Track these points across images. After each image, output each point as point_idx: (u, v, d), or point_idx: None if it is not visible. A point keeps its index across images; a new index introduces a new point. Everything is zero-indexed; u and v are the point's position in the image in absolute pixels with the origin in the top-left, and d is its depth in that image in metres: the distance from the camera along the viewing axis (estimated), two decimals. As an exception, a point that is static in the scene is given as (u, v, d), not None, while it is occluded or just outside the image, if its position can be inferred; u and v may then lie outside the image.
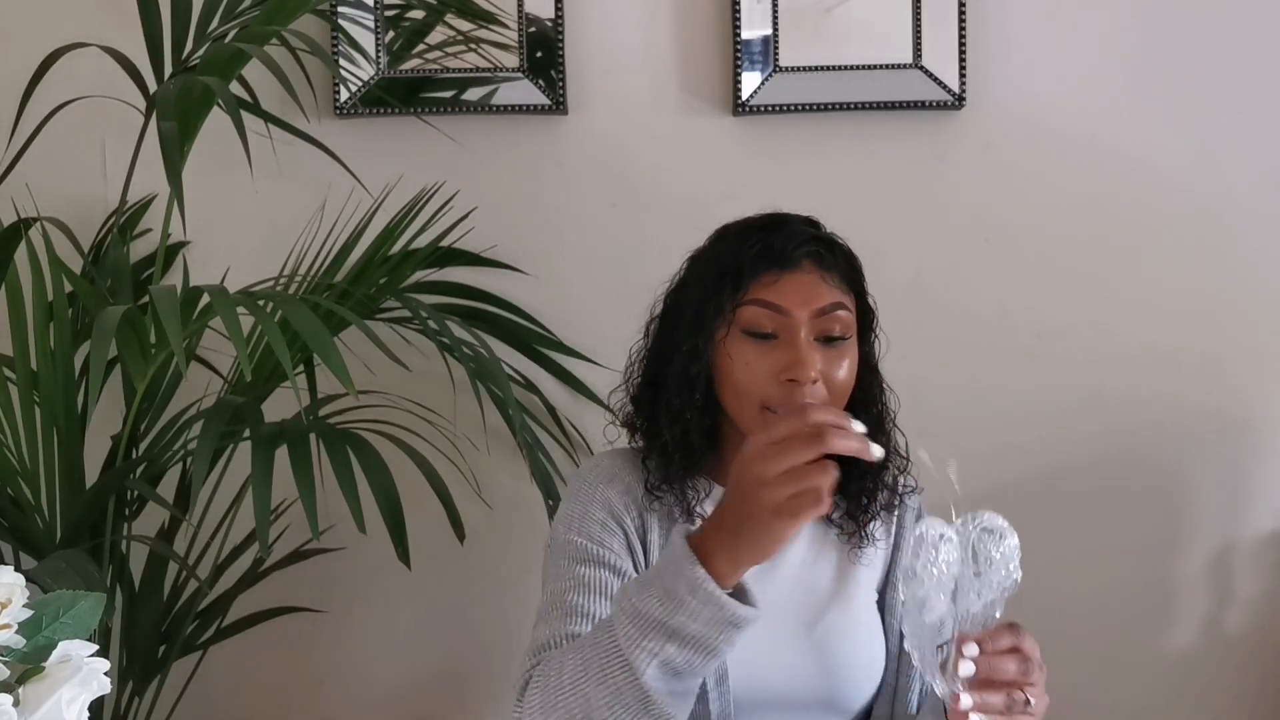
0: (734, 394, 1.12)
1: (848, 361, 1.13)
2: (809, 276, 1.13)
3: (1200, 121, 1.73)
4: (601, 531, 1.13)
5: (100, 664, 0.70)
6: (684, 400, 1.14)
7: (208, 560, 1.59)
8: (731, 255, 1.15)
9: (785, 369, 1.09)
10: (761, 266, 1.12)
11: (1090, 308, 1.73)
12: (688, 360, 1.14)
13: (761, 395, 1.10)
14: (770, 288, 1.12)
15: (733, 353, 1.11)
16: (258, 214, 1.73)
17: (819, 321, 1.11)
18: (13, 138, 1.47)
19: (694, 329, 1.14)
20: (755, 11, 1.69)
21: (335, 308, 1.39)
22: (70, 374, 1.39)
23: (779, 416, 0.94)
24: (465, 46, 1.70)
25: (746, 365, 1.10)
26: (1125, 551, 1.76)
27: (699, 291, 1.16)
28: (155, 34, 1.52)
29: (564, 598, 1.08)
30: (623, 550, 1.14)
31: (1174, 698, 1.78)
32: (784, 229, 1.16)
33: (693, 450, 1.15)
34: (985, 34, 1.71)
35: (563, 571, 1.11)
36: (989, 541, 0.95)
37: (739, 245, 1.15)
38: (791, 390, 1.09)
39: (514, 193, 1.74)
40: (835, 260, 1.16)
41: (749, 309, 1.11)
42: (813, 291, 1.12)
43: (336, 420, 1.49)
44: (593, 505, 1.15)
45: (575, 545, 1.12)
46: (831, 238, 1.20)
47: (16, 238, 1.44)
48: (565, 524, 1.15)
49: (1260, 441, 1.75)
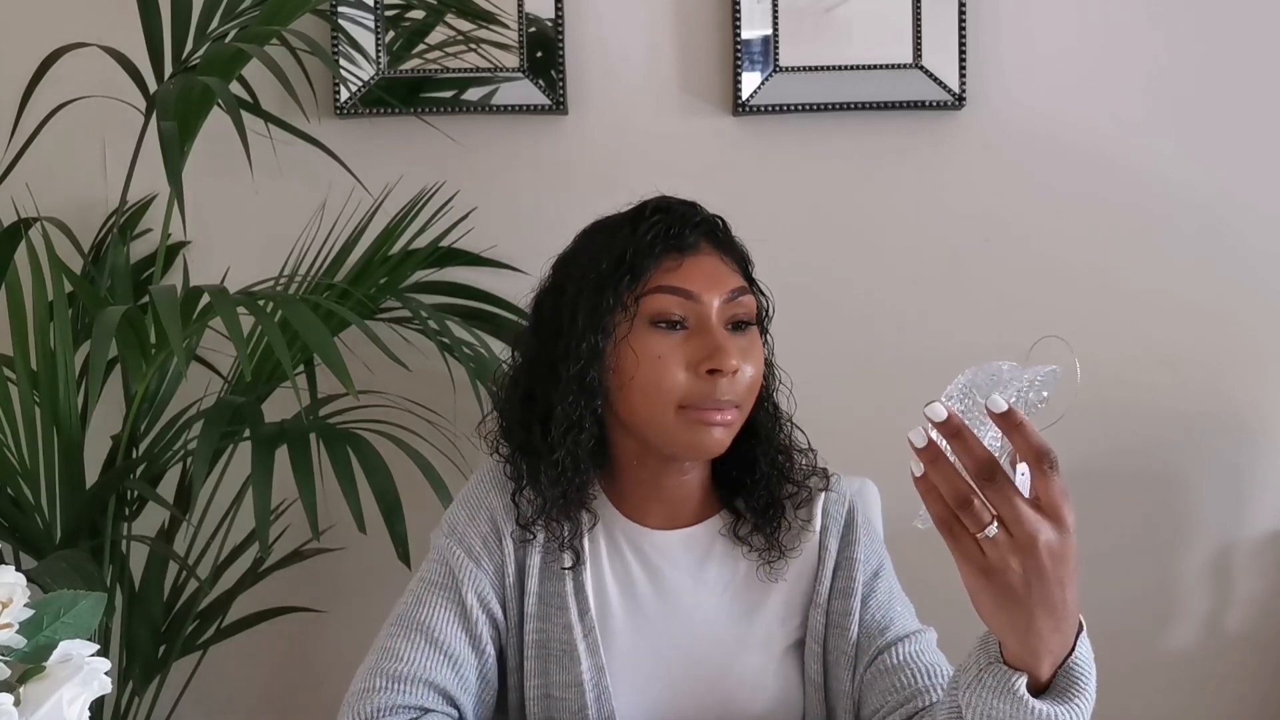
0: (643, 396, 1.01)
1: (758, 350, 1.04)
2: (710, 259, 1.05)
3: (1200, 121, 1.73)
4: (481, 548, 1.07)
5: (101, 664, 0.70)
6: (583, 411, 1.03)
7: (208, 560, 1.59)
8: (623, 244, 1.04)
9: (704, 359, 1.00)
10: (660, 251, 1.03)
11: (1090, 307, 1.73)
12: (584, 366, 1.02)
13: (680, 392, 1.00)
14: (674, 272, 1.02)
15: (639, 348, 1.01)
16: (258, 214, 1.73)
17: (728, 307, 1.02)
18: (13, 138, 1.47)
19: (588, 331, 1.02)
20: (755, 11, 1.69)
21: (335, 308, 1.39)
22: (70, 374, 1.39)
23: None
24: (465, 46, 1.70)
25: (659, 359, 1.00)
26: (1125, 551, 1.76)
27: (588, 290, 1.04)
28: (155, 34, 1.52)
29: (393, 643, 1.03)
30: (495, 573, 1.07)
31: (1174, 698, 1.78)
32: (673, 212, 1.06)
33: (582, 470, 1.05)
34: (985, 34, 1.71)
35: (421, 591, 1.06)
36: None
37: (630, 233, 1.04)
38: (713, 383, 0.99)
39: (514, 193, 1.74)
40: (732, 245, 1.09)
41: (654, 297, 1.01)
42: (718, 274, 1.04)
43: (336, 420, 1.48)
44: (480, 514, 1.08)
45: (444, 560, 1.07)
46: (719, 220, 1.10)
47: (16, 238, 1.44)
48: (449, 524, 1.09)
49: (1260, 441, 1.75)
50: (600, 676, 1.05)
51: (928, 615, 1.14)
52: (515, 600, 1.07)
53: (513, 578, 1.07)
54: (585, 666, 1.05)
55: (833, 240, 1.74)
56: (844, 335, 1.73)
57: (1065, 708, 0.78)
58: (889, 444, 1.71)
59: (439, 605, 1.05)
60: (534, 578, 1.07)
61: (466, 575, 1.06)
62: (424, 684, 1.01)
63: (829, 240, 1.74)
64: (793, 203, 1.74)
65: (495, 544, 1.07)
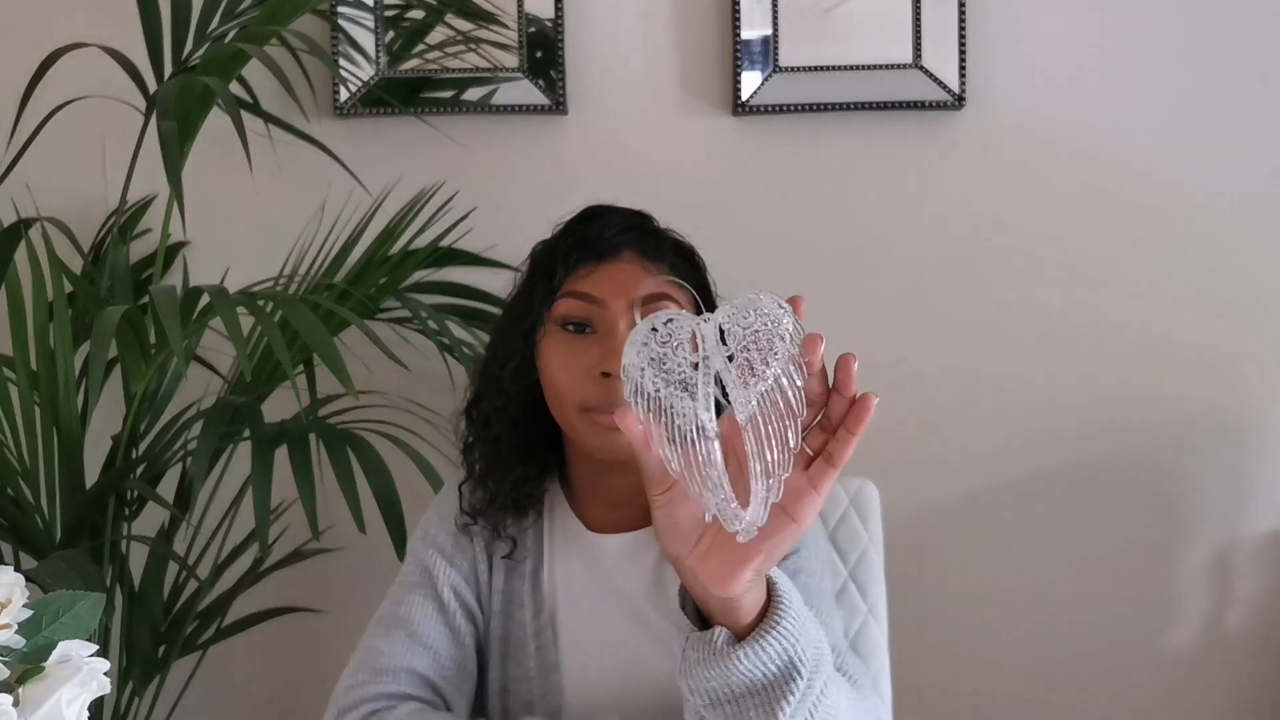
0: (553, 398, 1.05)
1: None
2: (629, 266, 1.06)
3: (1200, 121, 1.73)
4: (454, 546, 1.11)
5: (100, 664, 0.70)
6: (502, 408, 1.08)
7: (208, 560, 1.59)
8: (548, 251, 1.09)
9: (598, 362, 1.01)
10: (576, 258, 1.06)
11: (1090, 307, 1.73)
12: (502, 367, 1.08)
13: (579, 395, 1.02)
14: (585, 279, 1.05)
15: (547, 352, 1.05)
16: (258, 214, 1.73)
17: (644, 310, 1.03)
18: (13, 138, 1.47)
19: (509, 334, 1.08)
20: (755, 11, 1.69)
21: (335, 308, 1.39)
22: (70, 374, 1.39)
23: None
24: (465, 46, 1.70)
25: (560, 363, 1.03)
26: (1125, 551, 1.76)
27: (516, 297, 1.11)
28: (155, 34, 1.52)
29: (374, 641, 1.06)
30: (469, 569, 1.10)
31: (1174, 698, 1.78)
32: (600, 219, 1.09)
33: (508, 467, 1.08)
34: (985, 34, 1.71)
35: (400, 592, 1.09)
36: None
37: (555, 240, 1.09)
38: (609, 385, 1.00)
39: (514, 193, 1.74)
40: (661, 251, 1.09)
41: (561, 302, 1.05)
42: (631, 280, 1.04)
43: (336, 420, 1.49)
44: (449, 516, 1.12)
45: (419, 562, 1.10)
46: (659, 230, 1.12)
47: (16, 238, 1.44)
48: (422, 529, 1.13)
49: (1260, 441, 1.75)
50: (549, 673, 1.07)
51: (928, 615, 1.14)
52: (486, 597, 1.11)
53: (485, 575, 1.11)
54: (534, 663, 1.08)
55: (832, 240, 1.74)
56: (842, 335, 1.72)
57: (764, 640, 0.76)
58: (888, 444, 1.72)
59: (417, 602, 1.08)
60: (499, 574, 1.11)
61: (441, 572, 1.10)
62: (405, 673, 1.04)
63: (828, 240, 1.74)
64: (793, 203, 1.74)
65: (466, 542, 1.11)
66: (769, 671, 0.76)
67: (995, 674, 1.76)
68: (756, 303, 0.68)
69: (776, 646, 0.76)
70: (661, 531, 0.75)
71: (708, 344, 0.68)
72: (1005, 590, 1.76)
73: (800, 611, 0.79)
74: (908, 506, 1.71)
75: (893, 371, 1.74)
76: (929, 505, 1.75)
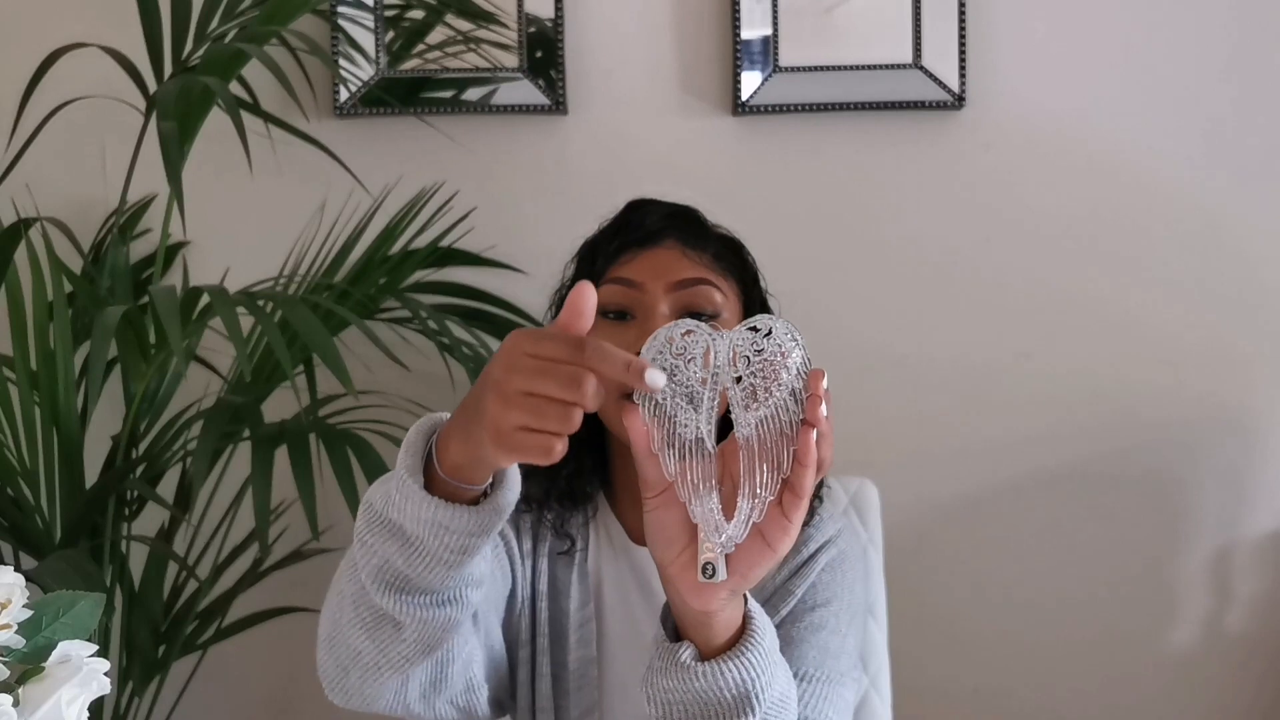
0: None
1: None
2: (669, 252, 1.07)
3: (1200, 121, 1.73)
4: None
5: (100, 664, 0.70)
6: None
7: (208, 560, 1.59)
8: (591, 243, 1.11)
9: (638, 346, 1.03)
10: (617, 245, 1.07)
11: (1090, 307, 1.73)
12: None
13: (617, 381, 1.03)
14: (625, 265, 1.06)
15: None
16: (258, 214, 1.73)
17: (679, 296, 1.04)
18: (13, 138, 1.46)
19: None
20: (755, 11, 1.69)
21: (335, 308, 1.39)
22: (70, 374, 1.38)
23: (553, 328, 0.72)
24: (465, 46, 1.70)
25: None
26: (1125, 551, 1.76)
27: (565, 286, 1.13)
28: (155, 34, 1.52)
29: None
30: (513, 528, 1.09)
31: (1174, 698, 1.78)
32: (643, 209, 1.11)
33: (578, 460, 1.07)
34: (985, 34, 1.71)
35: None
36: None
37: (599, 232, 1.11)
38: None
39: (514, 193, 1.74)
40: (704, 240, 1.09)
41: (602, 289, 1.05)
42: (670, 265, 1.05)
43: (336, 420, 1.48)
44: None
45: None
46: (703, 220, 1.13)
47: (16, 238, 1.44)
48: None
49: (1260, 441, 1.75)
50: (588, 666, 1.07)
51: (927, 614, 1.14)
52: (529, 569, 1.10)
53: (529, 545, 1.10)
54: (575, 657, 1.07)
55: (833, 240, 1.74)
56: (843, 335, 1.73)
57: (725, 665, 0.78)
58: (888, 444, 1.72)
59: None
60: (544, 560, 1.10)
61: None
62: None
63: (829, 240, 1.74)
64: (793, 203, 1.74)
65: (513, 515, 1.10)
66: (724, 697, 0.78)
67: (995, 673, 1.76)
68: (770, 330, 0.73)
69: (736, 675, 0.78)
70: (649, 534, 0.77)
71: (718, 362, 0.72)
72: (1005, 589, 1.76)
73: (769, 651, 0.81)
74: (907, 505, 1.71)
75: (893, 371, 1.74)
76: (928, 504, 1.75)
